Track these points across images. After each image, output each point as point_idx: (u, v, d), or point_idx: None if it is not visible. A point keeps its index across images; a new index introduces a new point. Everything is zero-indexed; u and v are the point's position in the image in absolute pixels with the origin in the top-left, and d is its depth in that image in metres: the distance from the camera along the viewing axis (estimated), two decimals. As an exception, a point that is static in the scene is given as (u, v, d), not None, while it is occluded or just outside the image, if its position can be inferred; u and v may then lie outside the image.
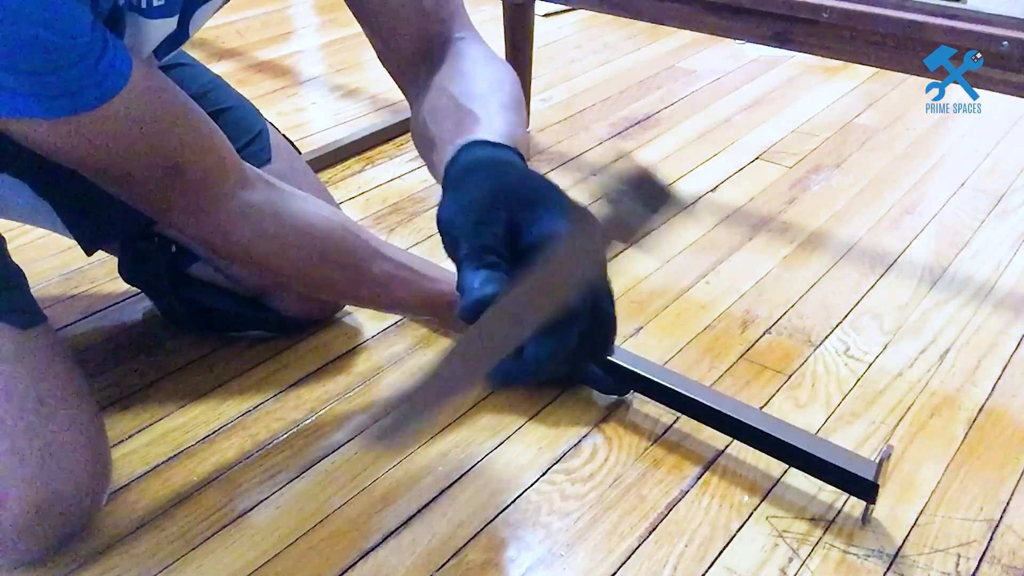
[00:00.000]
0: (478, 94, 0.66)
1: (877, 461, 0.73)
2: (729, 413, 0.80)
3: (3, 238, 0.78)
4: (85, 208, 0.90)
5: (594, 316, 0.53)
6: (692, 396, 0.82)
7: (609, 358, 0.87)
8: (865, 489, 0.74)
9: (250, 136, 0.95)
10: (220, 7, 0.75)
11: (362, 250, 0.83)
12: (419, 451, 0.83)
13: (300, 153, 1.05)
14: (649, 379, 0.85)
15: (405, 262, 0.86)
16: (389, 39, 0.74)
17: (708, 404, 0.81)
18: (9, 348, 0.70)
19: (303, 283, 0.84)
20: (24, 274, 0.77)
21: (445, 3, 0.74)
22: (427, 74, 0.72)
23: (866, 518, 0.75)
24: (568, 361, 0.61)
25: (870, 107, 1.59)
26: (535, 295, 0.47)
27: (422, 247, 1.16)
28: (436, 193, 1.28)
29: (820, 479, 0.77)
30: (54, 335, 0.75)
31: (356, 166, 1.38)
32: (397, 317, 1.01)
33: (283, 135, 1.02)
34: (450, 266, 0.52)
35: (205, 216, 0.74)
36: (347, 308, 1.02)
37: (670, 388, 0.83)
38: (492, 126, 0.61)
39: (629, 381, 0.87)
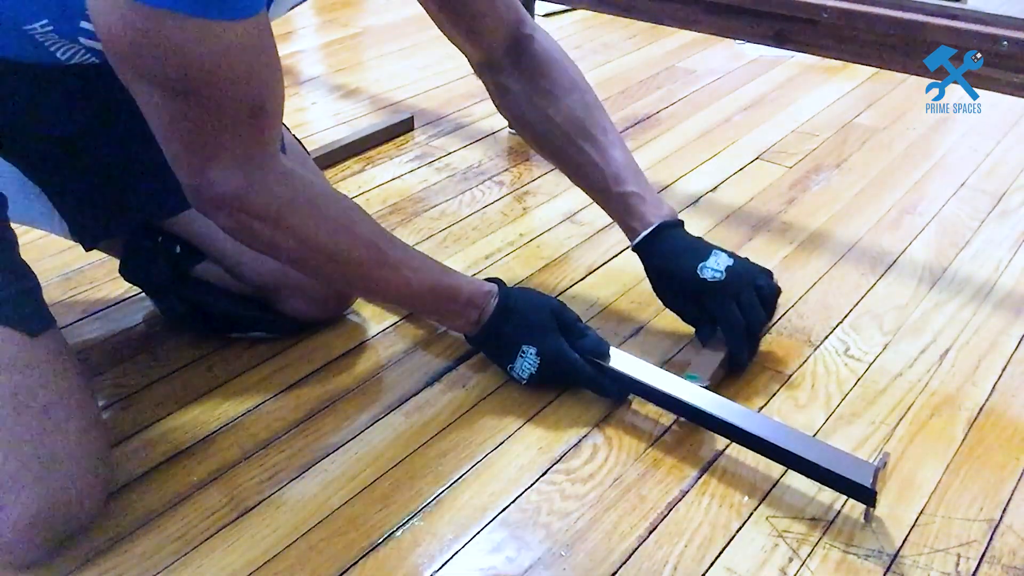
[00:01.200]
0: (602, 127, 0.96)
1: (873, 469, 0.73)
2: (726, 418, 0.80)
3: (16, 238, 0.78)
4: (85, 202, 0.89)
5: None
6: (689, 401, 0.82)
7: (605, 364, 0.87)
8: (863, 495, 0.74)
9: None
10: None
11: (381, 232, 0.83)
12: (419, 451, 0.83)
13: (308, 154, 1.05)
14: (645, 384, 0.85)
15: (418, 252, 0.86)
16: (479, 34, 0.93)
17: (705, 409, 0.81)
18: (18, 356, 0.70)
19: (327, 258, 0.80)
20: (36, 277, 0.77)
21: (513, 6, 0.94)
22: (515, 66, 0.95)
23: (868, 516, 0.75)
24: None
25: (870, 107, 1.59)
26: None
27: (422, 247, 1.16)
28: (436, 193, 1.28)
29: (819, 482, 0.77)
30: (62, 341, 0.76)
31: (356, 166, 1.38)
32: (397, 317, 1.01)
33: (294, 136, 1.01)
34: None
35: (255, 168, 0.73)
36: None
37: (666, 393, 0.83)
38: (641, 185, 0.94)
39: (626, 386, 0.87)
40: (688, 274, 0.90)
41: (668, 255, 0.92)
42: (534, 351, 0.87)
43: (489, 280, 0.91)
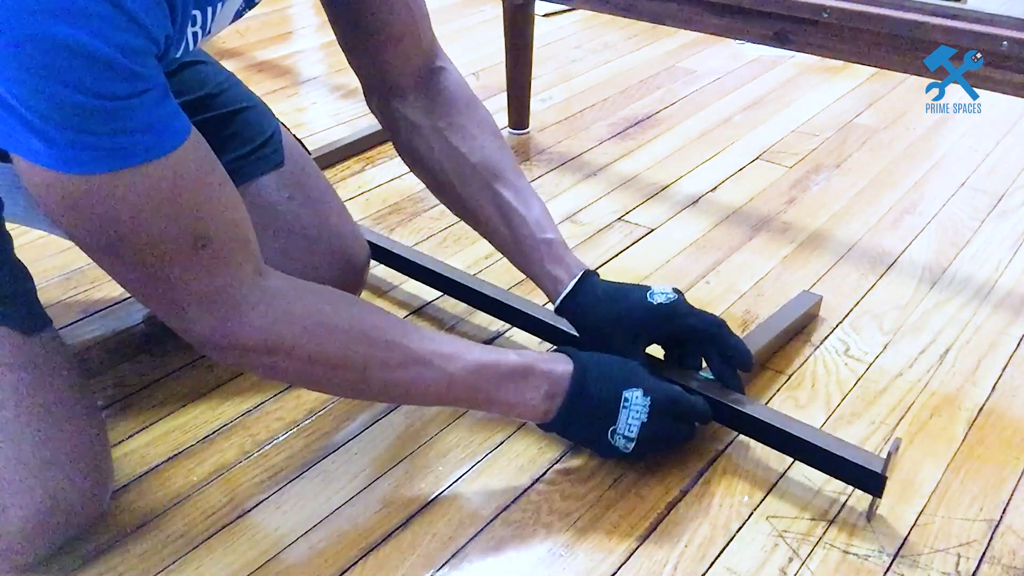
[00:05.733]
0: (507, 174, 0.87)
1: (886, 454, 0.72)
2: (736, 407, 0.80)
3: (10, 238, 0.77)
4: None
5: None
6: (699, 391, 0.82)
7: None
8: (873, 482, 0.74)
9: (264, 137, 0.93)
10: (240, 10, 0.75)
11: (398, 327, 0.74)
12: (419, 451, 0.83)
13: (309, 154, 1.05)
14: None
15: (448, 336, 0.78)
16: (384, 69, 0.87)
17: (715, 398, 0.81)
18: (15, 355, 0.70)
19: (334, 368, 0.72)
20: (31, 277, 0.77)
21: (430, 33, 0.87)
22: (423, 99, 0.89)
23: (871, 514, 0.75)
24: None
25: (870, 107, 1.59)
26: None
27: (422, 247, 1.15)
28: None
29: (828, 473, 0.77)
30: (59, 340, 0.75)
31: (356, 166, 1.38)
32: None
33: (294, 135, 1.01)
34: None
35: (224, 301, 0.67)
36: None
37: (678, 383, 0.83)
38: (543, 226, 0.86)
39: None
40: (640, 303, 0.83)
41: (611, 292, 0.85)
42: (640, 392, 0.77)
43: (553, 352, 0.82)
